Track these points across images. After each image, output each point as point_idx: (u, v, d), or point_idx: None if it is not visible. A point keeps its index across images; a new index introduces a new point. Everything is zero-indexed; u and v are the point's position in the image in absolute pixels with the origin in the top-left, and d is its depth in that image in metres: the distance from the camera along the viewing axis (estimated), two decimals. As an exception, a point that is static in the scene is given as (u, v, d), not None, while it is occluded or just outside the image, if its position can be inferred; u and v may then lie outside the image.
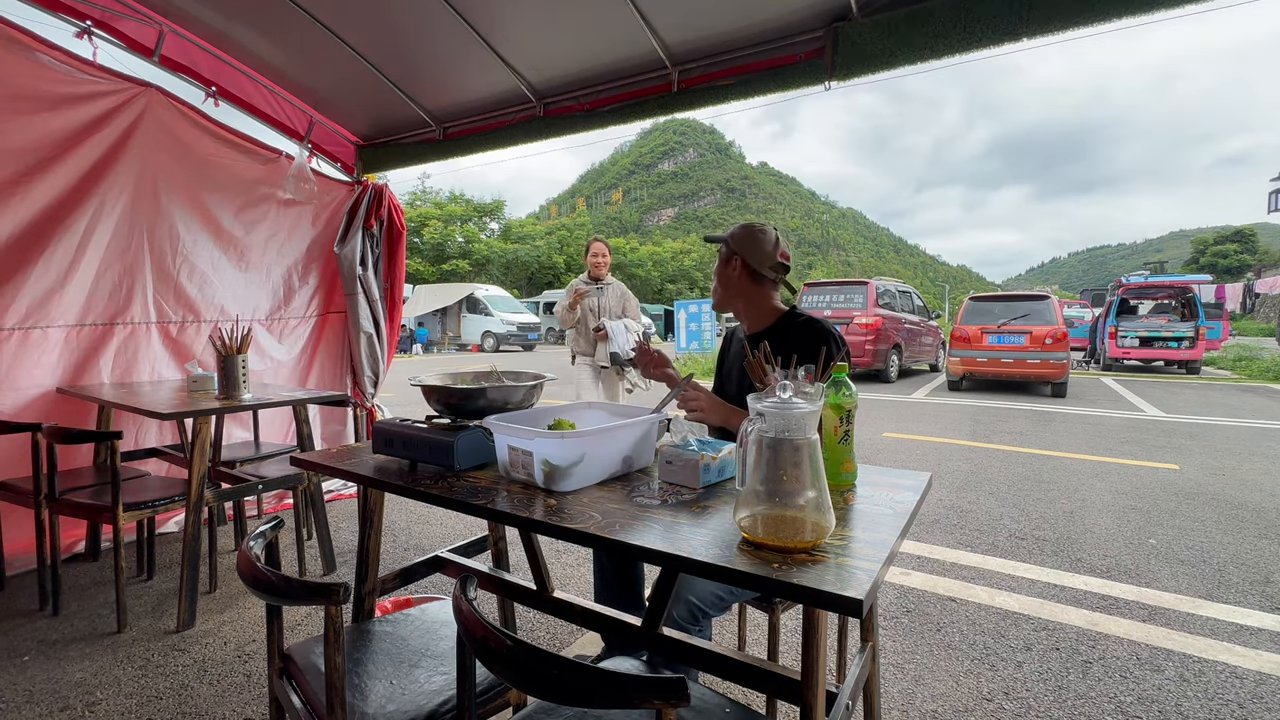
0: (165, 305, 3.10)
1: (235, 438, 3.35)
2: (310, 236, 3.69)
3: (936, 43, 2.02)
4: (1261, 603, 2.50)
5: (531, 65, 2.88)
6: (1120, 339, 12.39)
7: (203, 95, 3.07)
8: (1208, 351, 12.90)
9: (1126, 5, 1.78)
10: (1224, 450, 5.34)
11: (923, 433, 6.16)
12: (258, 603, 2.40)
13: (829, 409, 1.16)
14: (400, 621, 1.36)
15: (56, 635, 2.17)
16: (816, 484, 0.91)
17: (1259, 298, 28.06)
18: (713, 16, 2.40)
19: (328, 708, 0.98)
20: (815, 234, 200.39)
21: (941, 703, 1.86)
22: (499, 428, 1.25)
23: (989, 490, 4.13)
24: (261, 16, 2.75)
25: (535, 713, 1.03)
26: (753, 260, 1.75)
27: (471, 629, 0.78)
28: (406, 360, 16.57)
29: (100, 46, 2.69)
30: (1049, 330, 8.76)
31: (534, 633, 2.23)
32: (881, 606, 2.46)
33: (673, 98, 2.66)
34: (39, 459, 2.27)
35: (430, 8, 2.54)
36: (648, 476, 1.28)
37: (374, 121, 3.56)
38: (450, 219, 32.84)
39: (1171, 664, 2.06)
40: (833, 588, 0.78)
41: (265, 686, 1.89)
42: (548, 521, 1.03)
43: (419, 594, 2.42)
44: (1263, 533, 3.31)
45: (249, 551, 1.04)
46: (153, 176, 2.95)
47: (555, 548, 2.95)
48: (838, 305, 10.42)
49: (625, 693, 0.68)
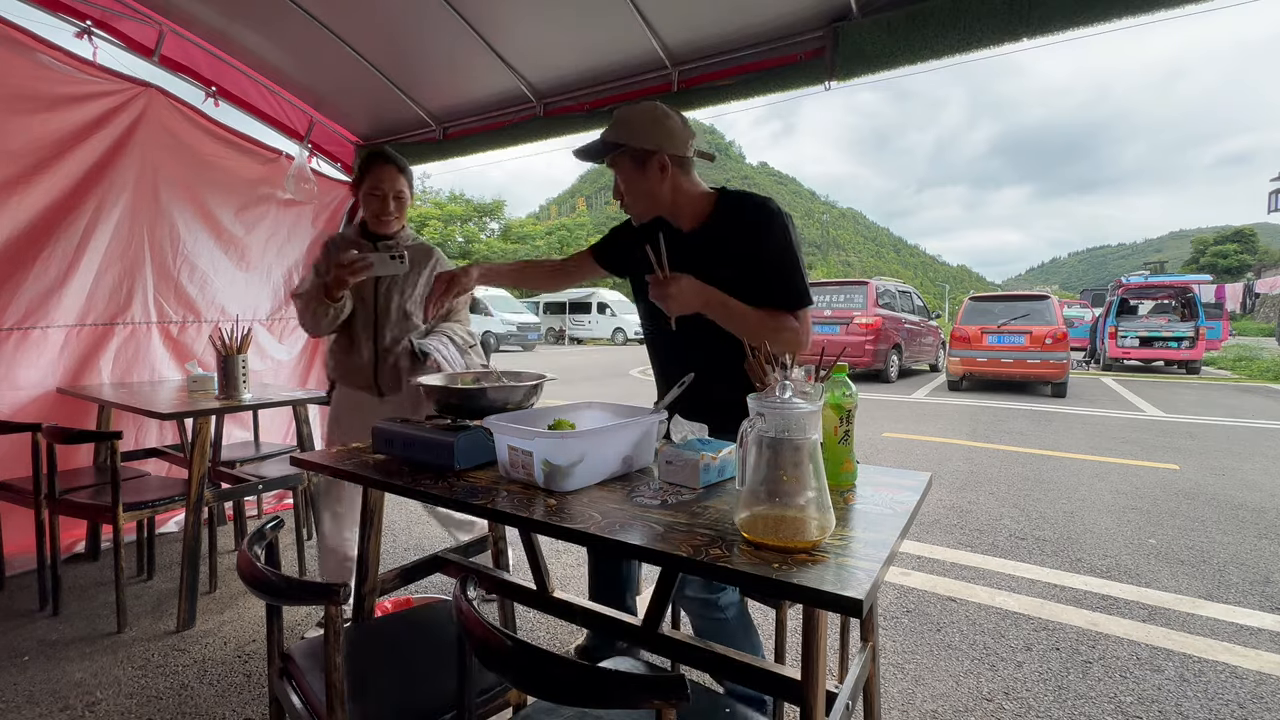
0: (165, 305, 3.10)
1: (235, 438, 3.35)
2: (310, 236, 3.69)
3: (937, 43, 2.02)
4: (1261, 603, 2.50)
5: (531, 65, 2.88)
6: (1120, 339, 12.40)
7: (203, 95, 3.07)
8: (1208, 351, 12.90)
9: (1126, 5, 1.78)
10: (1224, 450, 5.34)
11: (923, 433, 6.16)
12: (258, 603, 2.40)
13: (829, 409, 1.16)
14: (400, 621, 1.36)
15: (56, 635, 2.17)
16: (817, 484, 0.91)
17: (1259, 298, 28.07)
18: (713, 16, 2.40)
19: (328, 708, 0.98)
20: (815, 234, 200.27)
21: (941, 703, 1.86)
22: (499, 428, 1.25)
23: (989, 490, 4.12)
24: (261, 16, 2.75)
25: (535, 713, 1.03)
26: (677, 148, 1.46)
27: (471, 629, 0.78)
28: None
29: (100, 46, 2.69)
30: (1049, 330, 8.76)
31: (534, 633, 2.23)
32: (881, 606, 2.46)
33: (673, 98, 2.66)
34: (39, 459, 2.27)
35: (430, 8, 2.54)
36: (648, 476, 1.28)
37: (374, 121, 3.55)
38: (450, 219, 32.83)
39: (1171, 664, 2.06)
40: (833, 588, 0.78)
41: (265, 686, 1.88)
42: (548, 521, 1.03)
43: (419, 594, 2.42)
44: (1263, 533, 3.31)
45: (249, 551, 1.04)
46: (153, 176, 2.95)
47: (555, 548, 2.95)
48: (838, 305, 10.42)
49: (625, 693, 0.68)
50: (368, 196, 2.05)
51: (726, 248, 1.46)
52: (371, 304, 2.09)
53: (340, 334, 2.14)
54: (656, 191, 1.49)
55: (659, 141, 1.45)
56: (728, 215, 1.49)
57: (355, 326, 2.09)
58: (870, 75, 2.21)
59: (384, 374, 2.09)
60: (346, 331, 2.12)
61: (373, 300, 2.09)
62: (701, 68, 2.60)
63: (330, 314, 1.97)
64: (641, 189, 1.49)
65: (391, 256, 1.86)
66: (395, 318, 2.10)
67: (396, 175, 2.07)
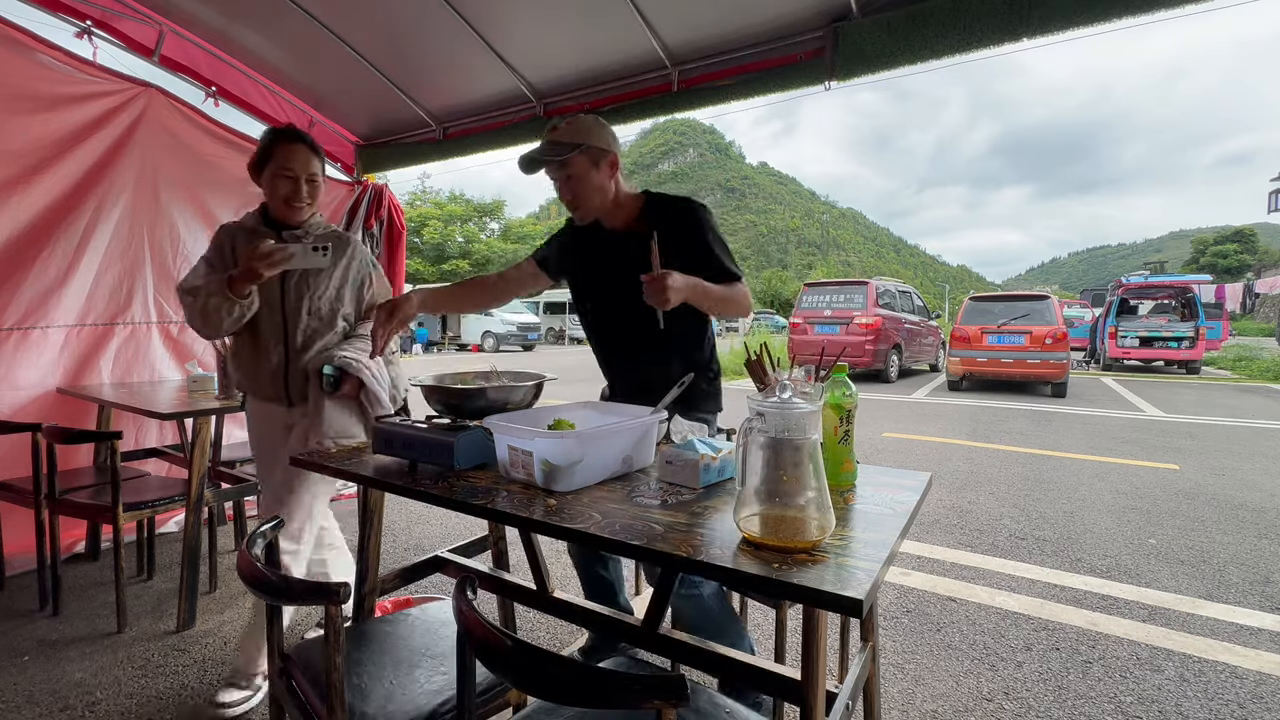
0: (165, 305, 3.10)
1: (235, 438, 3.35)
2: (310, 236, 3.69)
3: (936, 43, 2.02)
4: (1261, 603, 2.50)
5: (531, 65, 2.88)
6: (1120, 339, 12.40)
7: (203, 95, 3.07)
8: (1208, 351, 12.90)
9: (1126, 5, 1.78)
10: (1224, 450, 5.34)
11: (923, 433, 6.16)
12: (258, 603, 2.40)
13: (829, 409, 1.16)
14: (400, 621, 1.36)
15: (56, 635, 2.17)
16: (817, 484, 0.91)
17: (1259, 298, 28.07)
18: (713, 16, 2.40)
19: (328, 708, 0.98)
20: (815, 234, 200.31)
21: (941, 703, 1.86)
22: (499, 428, 1.25)
23: (989, 490, 4.12)
24: (261, 16, 2.75)
25: (535, 713, 1.03)
26: (618, 151, 1.61)
27: (471, 629, 0.78)
28: (406, 360, 16.56)
29: (100, 46, 2.69)
30: (1049, 330, 8.77)
31: (534, 633, 2.23)
32: (881, 606, 2.46)
33: (673, 98, 2.66)
34: (39, 459, 2.27)
35: (430, 8, 2.54)
36: (648, 476, 1.28)
37: (374, 121, 3.56)
38: (450, 219, 32.83)
39: (1171, 664, 2.06)
40: (833, 588, 0.78)
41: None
42: (548, 521, 1.03)
43: (419, 594, 2.42)
44: (1263, 533, 3.31)
45: (249, 551, 1.04)
46: (153, 176, 2.95)
47: (555, 548, 2.95)
48: (838, 305, 10.42)
49: (625, 693, 0.68)
50: (276, 179, 1.80)
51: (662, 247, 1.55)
52: (279, 302, 1.84)
53: (243, 338, 1.87)
54: (606, 188, 1.60)
55: (608, 142, 1.58)
56: (656, 216, 1.61)
57: (260, 328, 1.84)
58: (870, 75, 2.21)
59: (294, 380, 1.86)
60: (250, 334, 1.85)
61: (279, 298, 1.84)
62: (701, 68, 2.60)
63: (235, 312, 1.72)
64: (594, 186, 1.58)
65: (315, 248, 1.71)
66: (307, 317, 1.87)
67: (309, 156, 1.83)
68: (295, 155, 1.79)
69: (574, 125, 1.56)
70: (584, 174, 1.57)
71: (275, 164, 1.79)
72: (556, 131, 1.57)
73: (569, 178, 1.58)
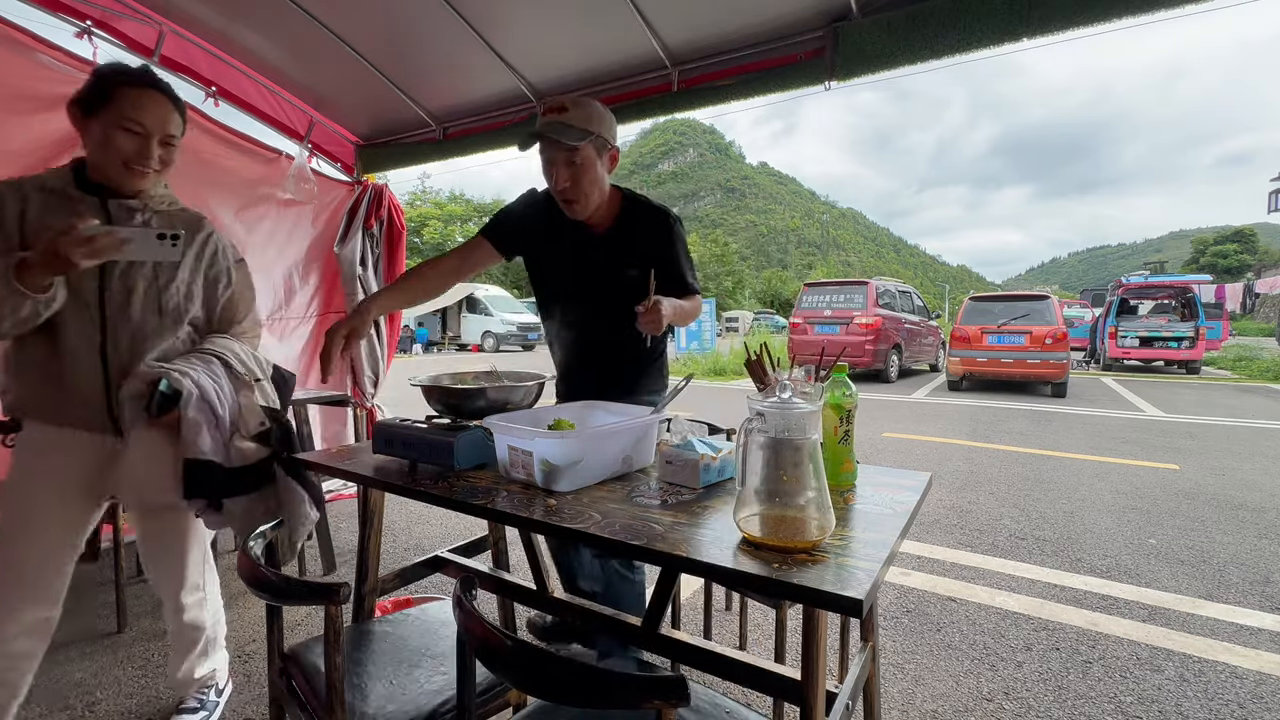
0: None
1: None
2: (310, 237, 3.69)
3: (937, 43, 2.02)
4: (1261, 603, 2.50)
5: (531, 65, 2.88)
6: (1120, 339, 12.40)
7: (203, 95, 3.07)
8: (1208, 351, 12.90)
9: (1126, 5, 1.78)
10: (1224, 450, 5.34)
11: (923, 433, 6.16)
12: (258, 603, 2.40)
13: (829, 409, 1.16)
14: (400, 621, 1.36)
15: (57, 635, 2.16)
16: (817, 484, 0.91)
17: (1259, 298, 28.07)
18: (713, 16, 2.40)
19: (328, 708, 0.99)
20: (815, 234, 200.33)
21: (941, 703, 1.86)
22: (499, 428, 1.25)
23: (989, 490, 4.13)
24: (261, 16, 2.75)
25: (535, 713, 1.03)
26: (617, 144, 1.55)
27: (472, 629, 0.78)
28: (406, 360, 16.56)
29: (100, 46, 2.68)
30: (1049, 330, 8.77)
31: (534, 633, 2.23)
32: (881, 606, 2.46)
33: (673, 98, 2.66)
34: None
35: (430, 8, 2.54)
36: (648, 476, 1.28)
37: (374, 121, 3.55)
38: (450, 219, 32.86)
39: (1171, 664, 2.06)
40: (833, 588, 0.78)
41: (265, 686, 1.88)
42: (548, 522, 1.03)
43: (419, 594, 2.42)
44: (1263, 533, 3.31)
45: (249, 551, 1.04)
46: (153, 176, 2.94)
47: (555, 548, 2.95)
48: (838, 305, 10.42)
49: (625, 693, 0.68)
50: (115, 130, 1.32)
51: (635, 249, 1.58)
52: (96, 298, 1.37)
53: (31, 342, 1.36)
54: (604, 183, 1.55)
55: (613, 135, 1.52)
56: (633, 219, 1.61)
57: (65, 332, 1.36)
58: (870, 75, 2.21)
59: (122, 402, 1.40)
60: (46, 339, 1.36)
61: (97, 293, 1.37)
62: (701, 68, 2.60)
63: (26, 309, 1.24)
64: (596, 179, 1.51)
65: (161, 235, 1.29)
66: (138, 319, 1.41)
67: (169, 110, 1.38)
68: (149, 105, 1.34)
69: (585, 111, 1.45)
70: (589, 165, 1.47)
71: (116, 111, 1.32)
72: (565, 113, 1.43)
73: (574, 165, 1.45)
